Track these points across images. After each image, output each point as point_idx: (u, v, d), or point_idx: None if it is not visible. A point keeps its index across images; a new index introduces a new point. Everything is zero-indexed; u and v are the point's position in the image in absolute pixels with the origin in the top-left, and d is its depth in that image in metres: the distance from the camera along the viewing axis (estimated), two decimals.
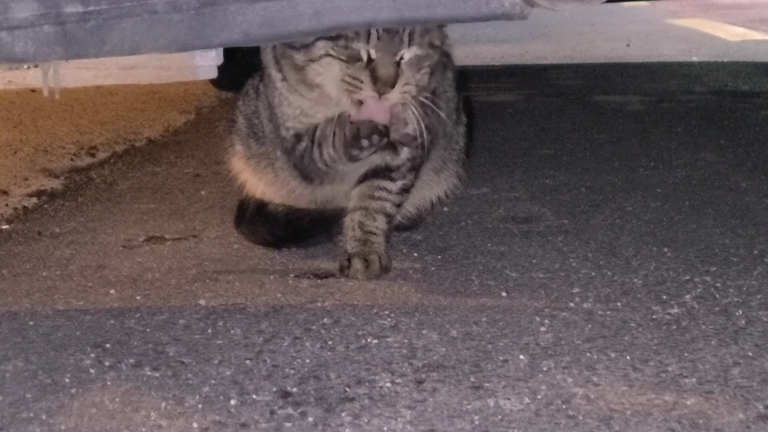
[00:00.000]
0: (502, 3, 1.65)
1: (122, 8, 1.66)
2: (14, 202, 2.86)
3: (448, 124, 2.29)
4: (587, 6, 1.79)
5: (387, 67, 1.92)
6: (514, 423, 1.42)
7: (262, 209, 2.33)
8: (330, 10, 1.67)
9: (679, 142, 3.48)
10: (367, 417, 1.45)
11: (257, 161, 2.31)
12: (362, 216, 2.14)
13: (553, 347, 1.69)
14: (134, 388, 1.57)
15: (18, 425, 1.46)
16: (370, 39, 1.91)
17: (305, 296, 1.99)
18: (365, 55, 1.93)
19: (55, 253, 2.33)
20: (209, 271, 2.17)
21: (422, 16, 1.72)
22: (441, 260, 2.21)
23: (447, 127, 2.30)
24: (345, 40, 1.92)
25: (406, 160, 2.16)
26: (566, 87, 4.99)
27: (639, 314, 1.84)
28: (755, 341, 1.70)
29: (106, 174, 3.24)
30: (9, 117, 4.33)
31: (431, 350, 1.70)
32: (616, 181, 2.91)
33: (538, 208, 2.63)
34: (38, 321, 1.88)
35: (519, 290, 2.00)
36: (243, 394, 1.54)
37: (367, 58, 1.93)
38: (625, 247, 2.26)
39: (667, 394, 1.50)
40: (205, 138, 3.81)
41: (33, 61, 1.77)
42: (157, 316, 1.89)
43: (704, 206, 2.59)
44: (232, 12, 1.67)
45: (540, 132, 3.77)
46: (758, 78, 5.04)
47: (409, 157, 2.16)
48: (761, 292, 1.94)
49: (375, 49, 1.92)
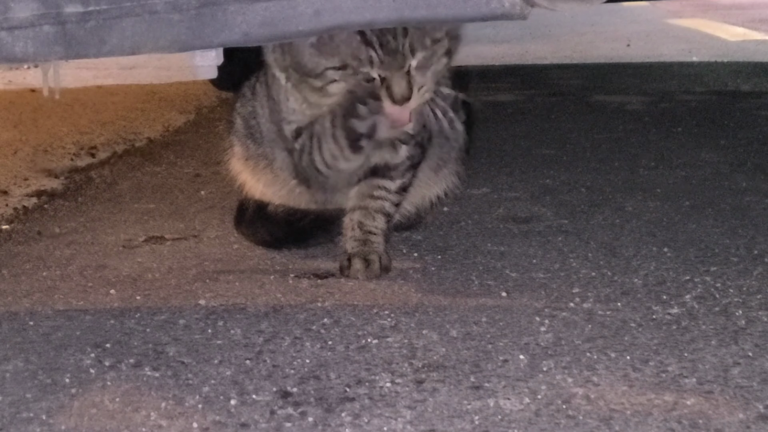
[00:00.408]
0: (502, 3, 1.65)
1: (122, 8, 1.66)
2: (14, 202, 2.86)
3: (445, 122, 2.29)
4: (587, 6, 1.79)
5: (399, 84, 1.92)
6: (514, 423, 1.42)
7: (262, 210, 2.32)
8: (330, 10, 1.67)
9: (679, 142, 3.48)
10: (367, 417, 1.45)
11: (256, 162, 2.31)
12: (361, 215, 2.14)
13: (553, 347, 1.69)
14: (134, 388, 1.57)
15: (18, 425, 1.46)
16: (373, 63, 1.91)
17: (305, 296, 1.99)
18: (376, 76, 1.92)
19: (55, 253, 2.33)
20: (209, 271, 2.17)
21: (422, 16, 1.72)
22: (441, 260, 2.21)
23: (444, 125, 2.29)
24: (352, 68, 1.92)
25: (405, 159, 2.16)
26: (566, 87, 4.99)
27: (639, 314, 1.84)
28: (755, 341, 1.70)
29: (106, 174, 3.24)
30: (9, 117, 4.33)
31: (431, 350, 1.70)
32: (616, 181, 2.91)
33: (538, 208, 2.63)
34: (38, 321, 1.88)
35: (519, 290, 2.00)
36: (243, 394, 1.54)
37: (379, 78, 1.92)
38: (625, 247, 2.26)
39: (667, 394, 1.50)
40: (205, 138, 3.81)
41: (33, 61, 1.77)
42: (157, 316, 1.89)
43: (704, 206, 2.59)
44: (232, 12, 1.67)
45: (540, 132, 3.77)
46: (758, 78, 5.04)
47: (407, 155, 2.16)
48: (761, 292, 1.94)
49: (382, 71, 1.91)
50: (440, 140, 2.31)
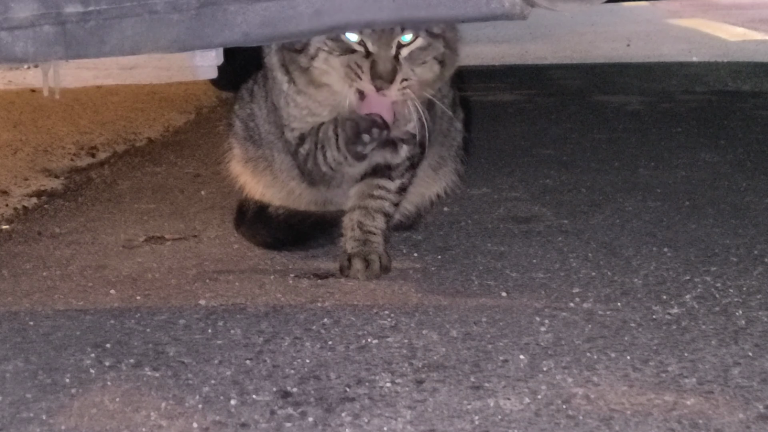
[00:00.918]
0: (502, 3, 1.66)
1: (122, 8, 1.66)
2: (14, 202, 2.86)
3: (444, 120, 2.29)
4: (587, 6, 1.79)
5: (384, 62, 1.91)
6: (514, 423, 1.42)
7: (262, 212, 2.32)
8: (330, 10, 1.67)
9: (679, 142, 3.48)
10: (367, 417, 1.45)
11: (255, 163, 2.31)
12: (361, 215, 2.14)
13: (553, 347, 1.69)
14: (134, 388, 1.57)
15: (18, 425, 1.46)
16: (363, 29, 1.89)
17: (305, 296, 1.99)
18: (360, 48, 1.91)
19: (55, 253, 2.33)
20: (209, 271, 2.17)
21: (422, 16, 1.72)
22: (441, 260, 2.21)
23: (443, 124, 2.29)
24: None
25: (405, 159, 2.16)
26: (566, 87, 4.99)
27: (639, 314, 1.84)
28: (755, 341, 1.70)
29: (106, 174, 3.24)
30: (9, 117, 4.33)
31: (431, 350, 1.70)
32: (616, 181, 2.91)
33: (538, 208, 2.63)
34: (38, 321, 1.88)
35: (519, 290, 2.00)
36: (243, 394, 1.54)
37: (364, 51, 1.92)
38: (625, 247, 2.26)
39: (667, 394, 1.50)
40: (205, 138, 3.81)
41: (33, 61, 1.77)
42: (157, 316, 1.89)
43: (704, 206, 2.59)
44: (232, 12, 1.67)
45: (540, 132, 3.77)
46: (758, 78, 5.04)
47: (408, 155, 2.16)
48: (761, 292, 1.94)
49: (370, 40, 1.90)
50: (440, 139, 2.31)
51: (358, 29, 1.87)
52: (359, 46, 1.92)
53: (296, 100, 2.09)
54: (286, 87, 2.09)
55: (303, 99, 2.08)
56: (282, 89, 2.10)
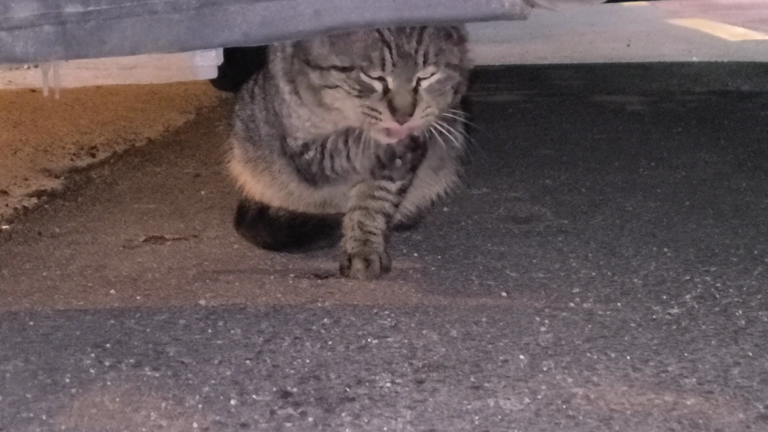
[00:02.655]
0: (502, 3, 1.65)
1: (122, 8, 1.66)
2: (14, 202, 2.86)
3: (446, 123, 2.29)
4: (587, 6, 1.79)
5: (404, 96, 1.87)
6: (514, 423, 1.42)
7: (263, 213, 2.32)
8: (330, 10, 1.67)
9: (679, 142, 3.48)
10: (367, 417, 1.45)
11: (255, 164, 2.31)
12: (362, 215, 2.14)
13: (553, 347, 1.69)
14: (134, 388, 1.57)
15: (18, 425, 1.46)
16: (385, 66, 1.86)
17: (305, 296, 1.99)
18: (380, 87, 1.88)
19: (55, 253, 2.33)
20: (209, 271, 2.17)
21: (422, 16, 1.72)
22: (441, 260, 2.21)
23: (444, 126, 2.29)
24: (359, 70, 1.87)
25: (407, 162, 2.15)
26: (566, 87, 4.99)
27: (639, 314, 1.84)
28: (755, 341, 1.70)
29: (106, 174, 3.24)
30: (9, 117, 4.33)
31: (431, 350, 1.70)
32: (616, 181, 2.91)
33: (538, 208, 2.64)
34: (38, 321, 1.88)
35: (519, 290, 2.00)
36: (243, 394, 1.54)
37: (382, 89, 1.88)
38: (625, 247, 2.26)
39: (667, 394, 1.50)
40: (205, 138, 3.81)
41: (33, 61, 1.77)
42: (157, 316, 1.89)
43: (704, 206, 2.59)
44: (233, 12, 1.67)
45: (540, 132, 3.77)
46: (758, 78, 5.04)
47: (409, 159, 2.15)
48: (761, 292, 1.94)
49: (391, 77, 1.87)
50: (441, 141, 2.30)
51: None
52: (379, 83, 1.88)
53: (299, 113, 2.07)
54: (289, 98, 2.06)
55: (306, 112, 2.05)
56: (284, 99, 2.08)
